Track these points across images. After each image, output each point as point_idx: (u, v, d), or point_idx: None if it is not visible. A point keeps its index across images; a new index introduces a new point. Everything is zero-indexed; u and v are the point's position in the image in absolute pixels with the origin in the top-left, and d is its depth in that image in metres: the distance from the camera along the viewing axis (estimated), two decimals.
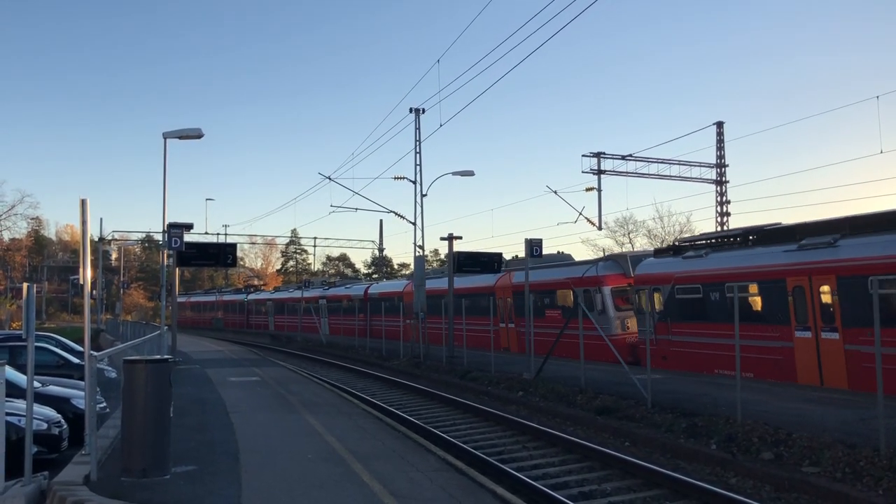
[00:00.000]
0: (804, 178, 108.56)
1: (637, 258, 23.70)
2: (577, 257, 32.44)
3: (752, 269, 18.02)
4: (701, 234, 22.45)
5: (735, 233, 20.20)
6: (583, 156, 36.33)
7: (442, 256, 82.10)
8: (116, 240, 70.37)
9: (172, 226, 22.95)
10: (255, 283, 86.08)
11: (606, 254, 37.06)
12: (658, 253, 23.00)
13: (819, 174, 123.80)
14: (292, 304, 54.15)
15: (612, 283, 24.18)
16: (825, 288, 16.14)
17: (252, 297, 65.71)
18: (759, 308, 18.00)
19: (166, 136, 23.25)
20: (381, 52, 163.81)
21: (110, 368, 19.11)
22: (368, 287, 45.08)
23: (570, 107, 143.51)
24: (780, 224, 17.98)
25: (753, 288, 18.01)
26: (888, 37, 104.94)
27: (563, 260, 30.17)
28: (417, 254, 30.97)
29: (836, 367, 15.64)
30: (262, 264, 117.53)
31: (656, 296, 21.43)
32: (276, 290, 67.79)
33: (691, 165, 38.85)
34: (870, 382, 13.18)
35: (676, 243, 23.30)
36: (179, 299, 77.50)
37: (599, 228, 37.38)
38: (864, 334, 14.62)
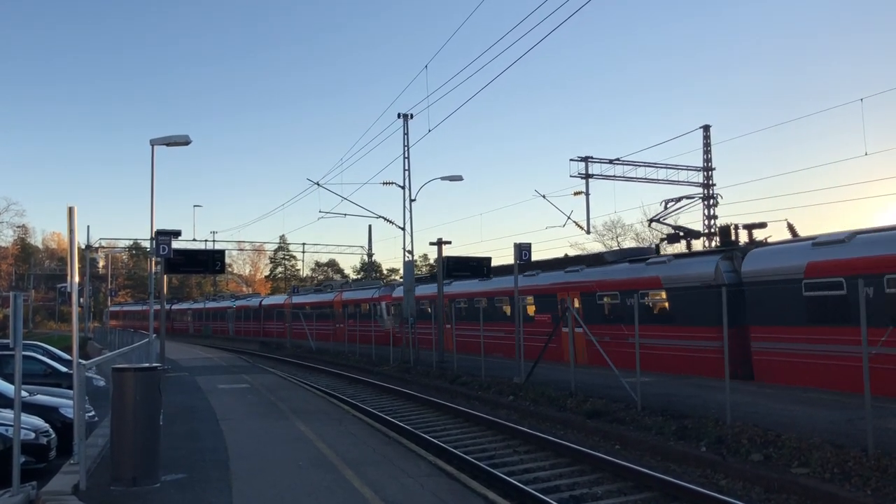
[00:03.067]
0: (791, 181, 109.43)
1: (398, 285, 38.09)
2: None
3: (428, 295, 32.39)
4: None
5: (427, 275, 34.35)
6: (570, 160, 36.39)
7: (431, 261, 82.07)
8: (104, 247, 70.16)
9: (160, 233, 22.80)
10: (243, 290, 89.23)
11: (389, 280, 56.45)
12: (401, 285, 35.48)
13: (806, 176, 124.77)
14: (206, 312, 69.24)
15: (386, 300, 39.74)
16: (447, 304, 30.98)
17: (175, 307, 78.66)
18: (428, 313, 32.91)
19: (154, 142, 23.14)
20: (369, 58, 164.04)
21: (98, 377, 19.01)
22: (262, 300, 59.48)
23: (558, 111, 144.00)
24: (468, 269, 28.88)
25: (426, 302, 33.43)
26: (871, 41, 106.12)
27: (372, 283, 48.61)
28: (406, 259, 30.98)
29: (449, 341, 27.99)
30: (250, 271, 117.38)
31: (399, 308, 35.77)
32: (195, 301, 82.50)
33: (679, 169, 38.86)
34: (460, 347, 27.43)
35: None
36: (113, 308, 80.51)
37: (588, 232, 37.61)
38: (461, 325, 29.79)
